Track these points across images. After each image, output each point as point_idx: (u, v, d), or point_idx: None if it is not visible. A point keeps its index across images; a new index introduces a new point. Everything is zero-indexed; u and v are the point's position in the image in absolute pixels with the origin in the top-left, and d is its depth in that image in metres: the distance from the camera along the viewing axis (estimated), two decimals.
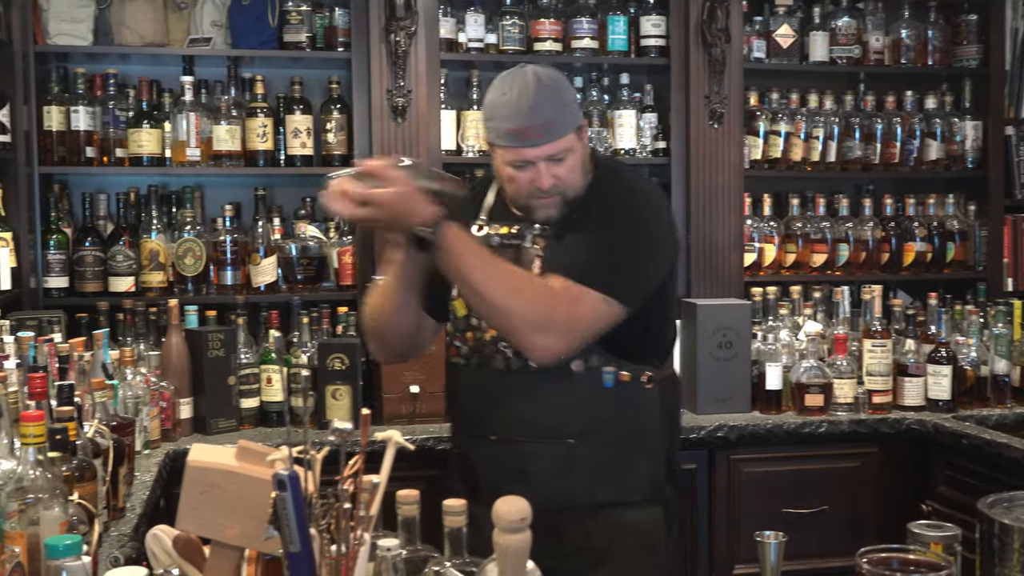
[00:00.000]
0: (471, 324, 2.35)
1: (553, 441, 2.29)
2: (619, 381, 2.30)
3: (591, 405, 2.29)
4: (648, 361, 2.35)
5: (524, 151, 2.24)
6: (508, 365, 2.31)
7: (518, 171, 2.27)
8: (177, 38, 3.78)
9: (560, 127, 2.25)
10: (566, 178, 2.28)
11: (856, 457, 3.55)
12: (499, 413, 2.32)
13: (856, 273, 4.13)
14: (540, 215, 2.31)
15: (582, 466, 2.29)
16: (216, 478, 1.42)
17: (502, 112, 2.26)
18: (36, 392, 2.08)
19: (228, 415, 3.34)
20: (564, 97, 2.29)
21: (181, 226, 3.67)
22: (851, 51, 4.17)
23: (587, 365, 2.28)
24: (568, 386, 2.27)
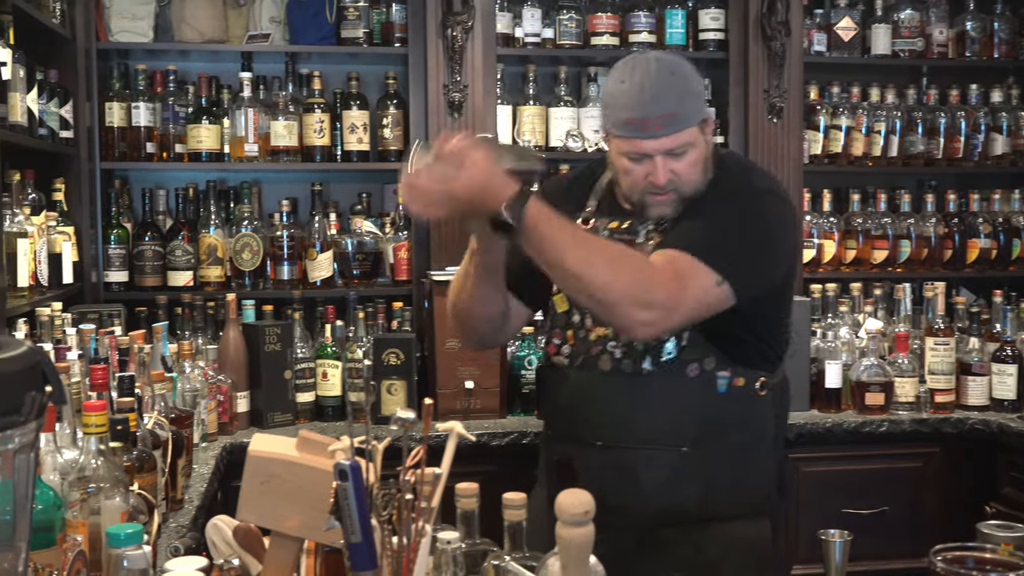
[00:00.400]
0: (572, 322, 2.23)
1: (665, 448, 2.14)
2: (733, 386, 2.15)
3: (705, 411, 2.14)
4: (762, 367, 2.20)
5: (641, 143, 2.08)
6: (617, 366, 2.16)
7: (634, 164, 2.12)
8: (236, 34, 3.81)
9: (682, 119, 2.08)
10: (684, 175, 2.12)
11: (917, 457, 3.49)
12: (606, 417, 2.17)
13: (918, 270, 4.06)
14: (653, 213, 2.15)
15: (695, 476, 2.14)
16: (277, 468, 1.42)
17: (621, 100, 2.09)
18: (98, 383, 2.09)
19: (284, 409, 3.35)
20: (689, 87, 2.12)
21: (239, 221, 3.70)
22: (914, 44, 4.09)
23: (702, 368, 2.14)
24: (681, 390, 2.12)
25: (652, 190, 2.12)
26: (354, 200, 3.91)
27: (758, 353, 2.19)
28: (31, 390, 1.14)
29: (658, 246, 2.11)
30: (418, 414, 1.33)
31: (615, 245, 2.04)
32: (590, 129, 3.85)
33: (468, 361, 3.43)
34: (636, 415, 2.14)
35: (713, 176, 2.18)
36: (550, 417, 2.34)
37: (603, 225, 2.23)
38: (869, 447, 3.45)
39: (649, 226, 2.18)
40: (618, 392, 2.15)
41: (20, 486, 1.19)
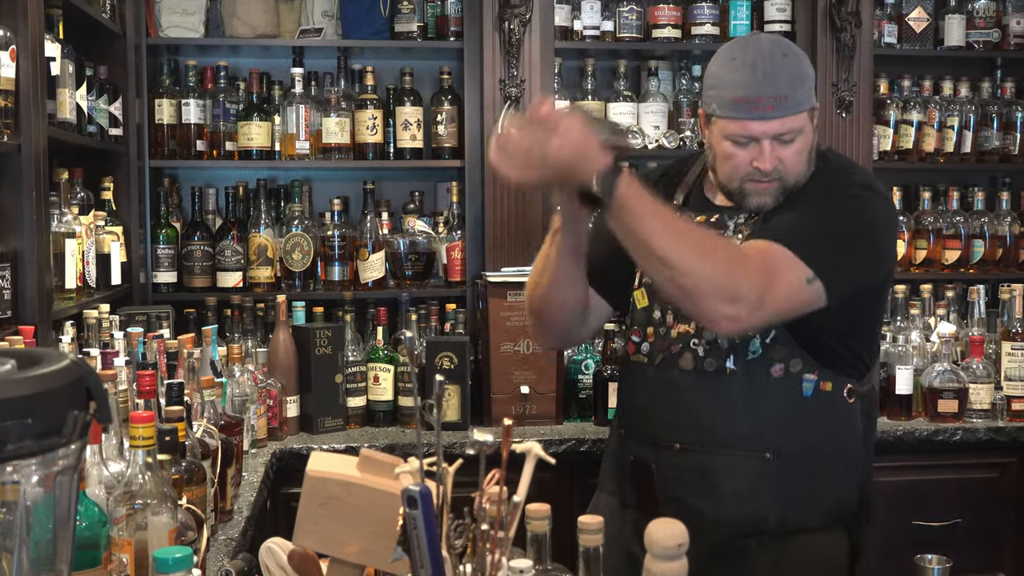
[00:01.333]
0: (653, 318, 2.13)
1: (748, 453, 2.05)
2: (819, 391, 2.05)
3: (789, 415, 2.04)
4: (850, 373, 2.09)
5: (751, 124, 1.98)
6: (699, 365, 2.06)
7: (738, 148, 2.02)
8: (288, 29, 3.74)
9: (794, 103, 1.99)
10: (790, 163, 2.02)
11: (993, 467, 3.37)
12: (686, 419, 2.08)
13: (992, 271, 3.92)
14: (753, 202, 2.05)
15: (776, 485, 2.04)
16: (336, 490, 1.32)
17: (730, 78, 2.00)
18: (145, 390, 2.01)
19: (335, 414, 3.28)
20: (802, 70, 2.03)
21: (289, 220, 3.62)
22: (989, 35, 3.94)
23: (787, 370, 2.03)
24: (765, 392, 2.03)
25: (756, 177, 2.03)
26: (407, 199, 3.82)
27: (845, 359, 2.09)
28: (74, 408, 1.06)
29: (749, 238, 2.02)
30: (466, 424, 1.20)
31: (708, 232, 1.97)
32: (650, 125, 3.74)
33: (524, 365, 3.34)
34: (718, 417, 2.06)
35: (815, 169, 2.09)
36: (626, 417, 2.24)
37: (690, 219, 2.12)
38: (941, 456, 3.35)
39: (739, 219, 2.09)
40: (700, 392, 2.07)
41: (62, 507, 1.11)
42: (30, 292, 2.46)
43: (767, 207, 2.05)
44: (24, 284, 2.46)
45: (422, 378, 3.32)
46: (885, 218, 2.09)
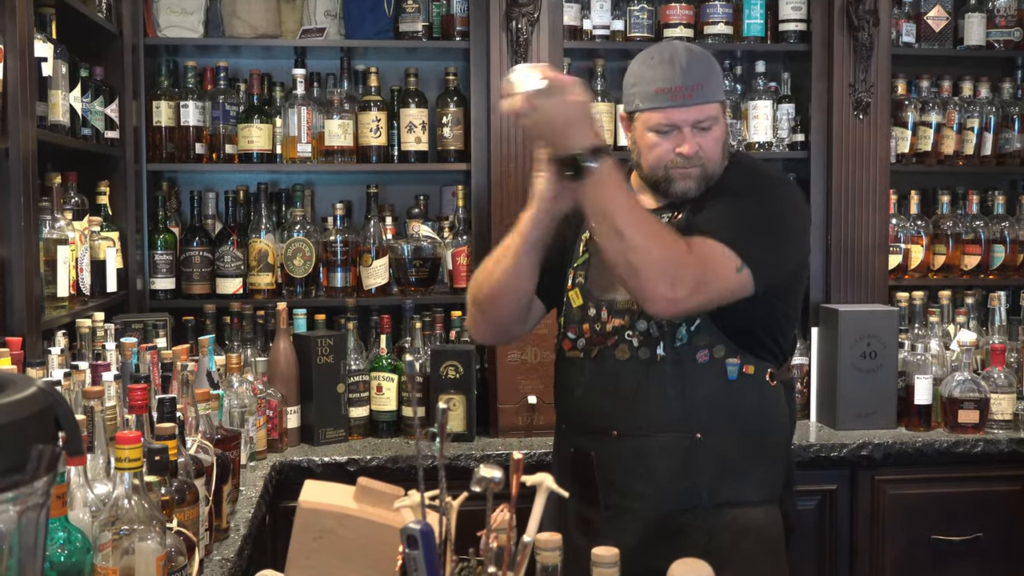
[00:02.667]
0: (588, 315, 2.25)
1: (680, 435, 2.18)
2: (743, 374, 2.20)
3: (716, 398, 2.19)
4: (769, 360, 2.24)
5: (672, 112, 2.16)
6: (634, 354, 2.20)
7: (661, 137, 2.19)
8: (290, 29, 3.66)
9: (709, 92, 2.19)
10: (709, 150, 2.20)
11: (1015, 480, 3.31)
12: (622, 406, 2.21)
13: (1012, 277, 3.84)
14: (679, 187, 2.21)
15: (707, 462, 2.18)
16: (331, 522, 1.23)
17: (650, 74, 2.19)
18: (137, 405, 1.92)
19: (337, 425, 3.21)
20: (712, 67, 2.23)
21: (291, 225, 3.53)
22: (1010, 34, 3.85)
23: (711, 355, 2.18)
24: (693, 377, 2.18)
25: (679, 164, 2.19)
26: (411, 203, 3.73)
27: (765, 347, 2.23)
28: (40, 441, 0.97)
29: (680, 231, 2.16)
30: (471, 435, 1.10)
31: (660, 223, 2.11)
32: None
33: (531, 374, 3.27)
34: (650, 402, 2.19)
35: (727, 168, 2.25)
36: (565, 411, 2.36)
37: None
38: (962, 468, 3.28)
39: (663, 219, 2.21)
40: (634, 379, 2.20)
41: (27, 549, 1.02)
42: (18, 301, 2.37)
43: (691, 192, 2.20)
44: (12, 293, 2.38)
45: (426, 388, 3.24)
46: (801, 208, 2.30)
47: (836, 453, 3.21)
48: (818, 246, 3.60)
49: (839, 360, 3.35)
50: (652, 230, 2.02)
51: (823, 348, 3.46)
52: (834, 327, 3.37)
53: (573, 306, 2.28)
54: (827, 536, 3.25)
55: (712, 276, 2.05)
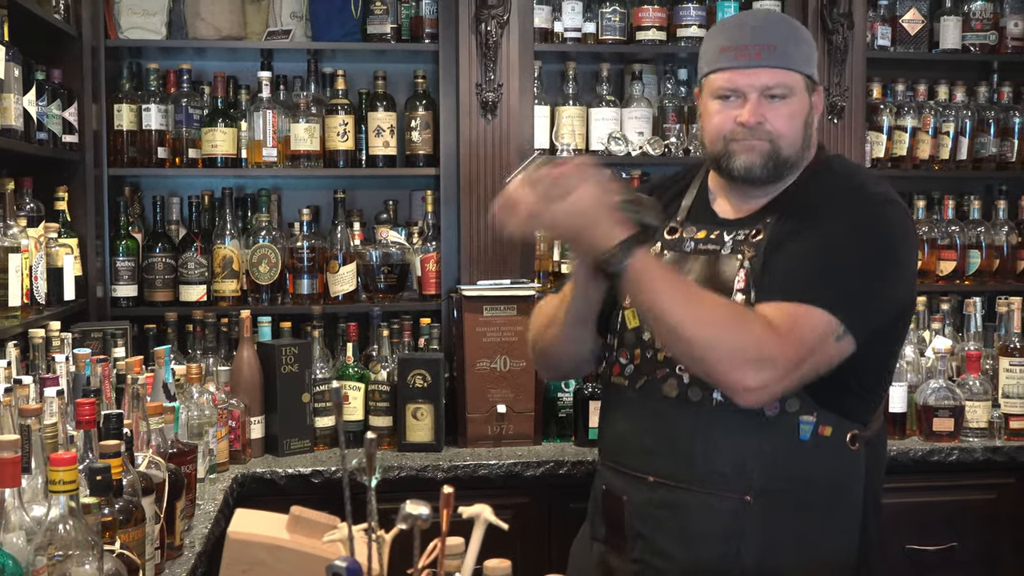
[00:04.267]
0: (642, 339, 1.98)
1: (725, 495, 1.89)
2: (817, 434, 1.88)
3: (779, 458, 1.88)
4: (855, 414, 1.93)
5: (736, 74, 1.89)
6: (683, 394, 1.92)
7: (723, 104, 1.93)
8: (255, 31, 3.59)
9: (785, 56, 1.90)
10: (780, 125, 1.91)
11: (990, 488, 3.29)
12: (663, 450, 1.93)
13: (988, 282, 3.81)
14: (740, 161, 1.92)
15: (757, 530, 1.88)
16: (262, 554, 1.17)
17: (718, 37, 1.97)
18: (84, 420, 1.86)
19: (302, 435, 3.14)
20: (799, 34, 1.97)
21: (256, 231, 3.47)
22: (986, 37, 3.83)
23: (782, 409, 1.87)
24: (755, 430, 1.87)
25: (740, 135, 1.92)
26: (379, 208, 3.66)
27: (853, 398, 1.93)
28: None
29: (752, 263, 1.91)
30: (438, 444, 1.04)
31: (725, 301, 1.85)
32: (634, 131, 3.61)
33: (500, 383, 3.22)
34: (697, 451, 1.90)
35: (817, 173, 1.98)
36: (603, 442, 2.12)
37: (690, 235, 2.03)
38: (937, 477, 3.26)
39: (739, 235, 1.96)
40: (680, 422, 1.92)
41: None
42: None
43: (755, 169, 1.93)
44: None
45: (394, 397, 3.19)
46: (908, 236, 1.97)
47: None
48: None
49: None
50: (718, 317, 1.77)
51: None
52: None
53: (628, 327, 2.02)
54: None
55: (808, 354, 1.77)
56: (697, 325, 1.75)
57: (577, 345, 2.06)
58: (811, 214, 1.90)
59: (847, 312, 1.79)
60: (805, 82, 1.94)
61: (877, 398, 1.99)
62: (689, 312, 1.76)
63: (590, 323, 2.02)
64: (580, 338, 2.04)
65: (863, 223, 1.88)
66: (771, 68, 1.89)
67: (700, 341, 1.75)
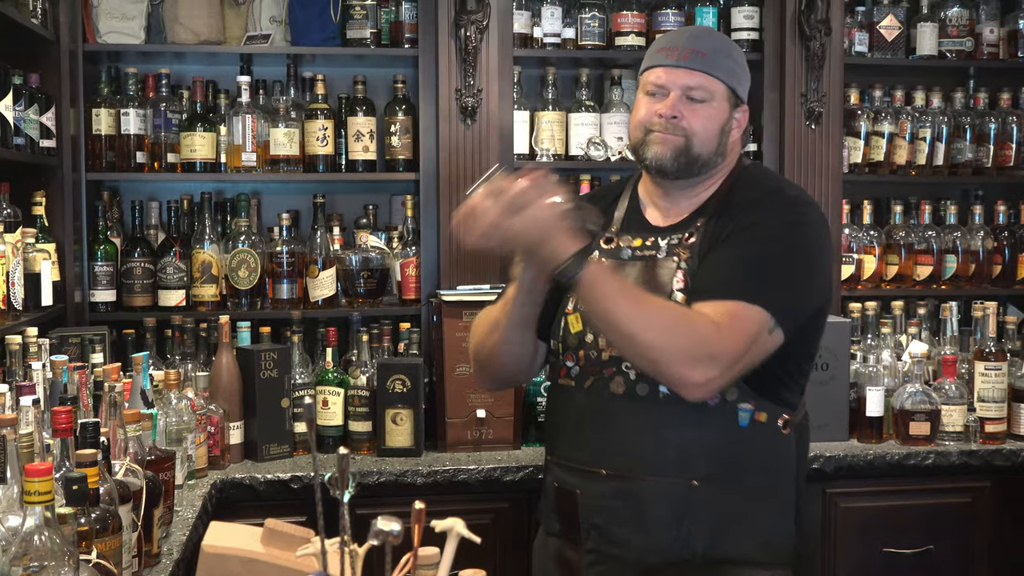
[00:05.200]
0: (585, 341, 2.10)
1: (674, 480, 2.02)
2: (755, 421, 2.03)
3: (722, 444, 2.02)
4: (786, 401, 2.08)
5: (664, 71, 2.06)
6: (631, 390, 2.04)
7: (649, 99, 2.09)
8: (234, 35, 3.58)
9: (711, 63, 2.06)
10: (695, 124, 2.06)
11: (966, 492, 3.31)
12: (614, 444, 2.05)
13: (964, 287, 3.84)
14: (653, 151, 2.07)
15: (705, 513, 2.02)
16: (236, 567, 1.17)
17: (660, 40, 2.15)
18: (61, 429, 1.86)
19: (281, 440, 3.14)
20: (732, 52, 2.13)
21: (235, 236, 3.47)
22: (962, 44, 3.85)
23: (723, 399, 2.01)
24: (698, 420, 2.00)
25: (658, 127, 2.07)
26: (359, 213, 3.67)
27: (784, 384, 2.08)
28: None
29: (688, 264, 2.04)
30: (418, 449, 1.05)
31: (670, 304, 1.98)
32: (613, 136, 3.62)
33: (480, 389, 3.20)
34: (645, 442, 2.03)
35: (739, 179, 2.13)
36: (552, 442, 2.22)
37: (626, 243, 2.16)
38: (913, 481, 3.28)
39: (672, 240, 2.10)
40: (629, 417, 2.04)
41: None
42: None
43: (665, 160, 2.06)
44: None
45: (373, 402, 3.19)
46: (826, 236, 2.12)
47: None
48: None
49: None
50: (664, 319, 1.89)
51: None
52: None
53: (572, 331, 2.12)
54: None
55: (747, 347, 1.91)
56: (646, 328, 1.86)
57: (519, 348, 2.14)
58: (738, 218, 2.04)
59: (778, 307, 1.93)
60: (728, 93, 2.09)
61: (801, 386, 2.13)
62: (639, 316, 1.87)
63: (532, 324, 2.11)
64: (523, 340, 2.13)
65: (785, 225, 2.03)
66: (695, 71, 2.04)
67: (649, 343, 1.86)
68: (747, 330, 1.91)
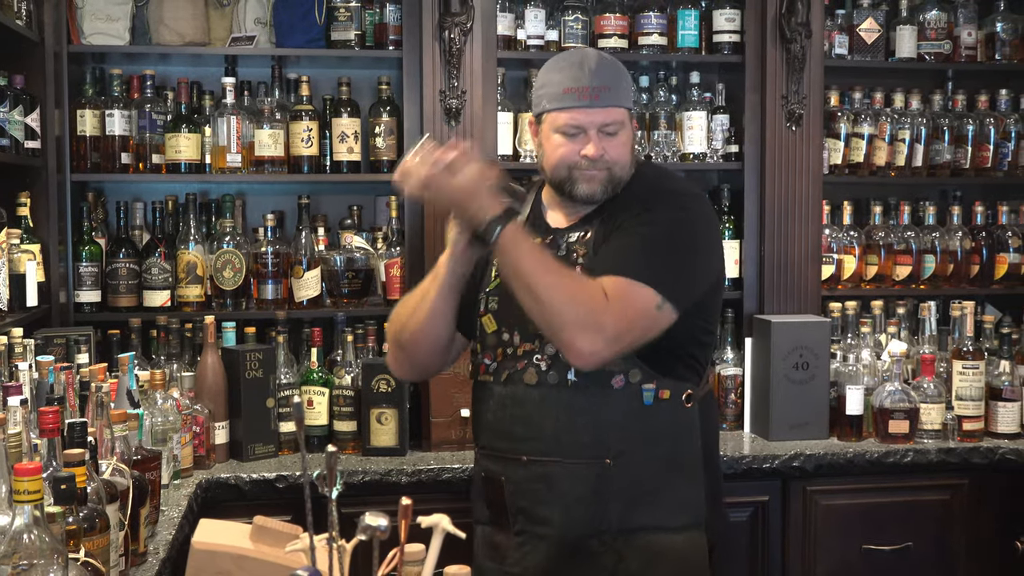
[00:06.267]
0: (502, 340, 2.25)
1: (589, 461, 2.17)
2: (659, 399, 2.19)
3: (629, 423, 2.17)
4: (687, 378, 2.23)
5: (579, 113, 2.18)
6: (542, 379, 2.19)
7: (567, 139, 2.20)
8: (219, 37, 3.59)
9: (616, 96, 2.21)
10: (615, 154, 2.21)
11: (944, 489, 3.35)
12: (531, 431, 2.20)
13: (943, 287, 3.87)
14: (582, 189, 2.22)
15: (618, 488, 2.17)
16: (227, 564, 1.20)
17: (558, 77, 2.22)
18: (48, 429, 1.87)
19: (266, 440, 3.16)
20: (622, 74, 2.26)
21: (220, 237, 3.47)
22: (941, 46, 3.87)
23: (627, 381, 2.17)
24: (606, 402, 2.16)
25: (585, 164, 2.19)
26: (344, 214, 3.68)
27: (683, 365, 2.22)
28: None
29: (585, 259, 2.18)
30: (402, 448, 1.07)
31: (576, 274, 2.12)
32: None
33: (464, 387, 3.19)
34: (559, 427, 2.17)
35: (633, 178, 2.25)
36: (477, 435, 2.35)
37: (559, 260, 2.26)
38: (892, 478, 3.31)
39: (571, 238, 2.24)
40: (542, 404, 2.18)
41: None
42: None
43: (596, 195, 2.21)
44: None
45: (358, 402, 3.21)
46: (709, 222, 2.28)
47: (768, 464, 3.22)
48: (751, 257, 3.61)
49: (772, 371, 3.35)
50: (566, 286, 2.04)
51: (756, 359, 3.47)
52: (767, 338, 3.37)
53: (487, 332, 2.27)
54: (759, 548, 3.26)
55: (634, 321, 2.06)
56: (549, 288, 2.02)
57: (438, 327, 2.27)
58: (630, 210, 2.19)
59: (665, 286, 2.08)
60: (628, 113, 2.25)
61: (702, 365, 2.27)
62: (547, 279, 2.03)
63: (454, 298, 2.25)
64: (446, 312, 2.25)
65: (672, 212, 2.20)
66: (606, 108, 2.19)
67: (551, 305, 2.02)
68: (634, 306, 2.05)
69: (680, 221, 2.19)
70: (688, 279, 2.16)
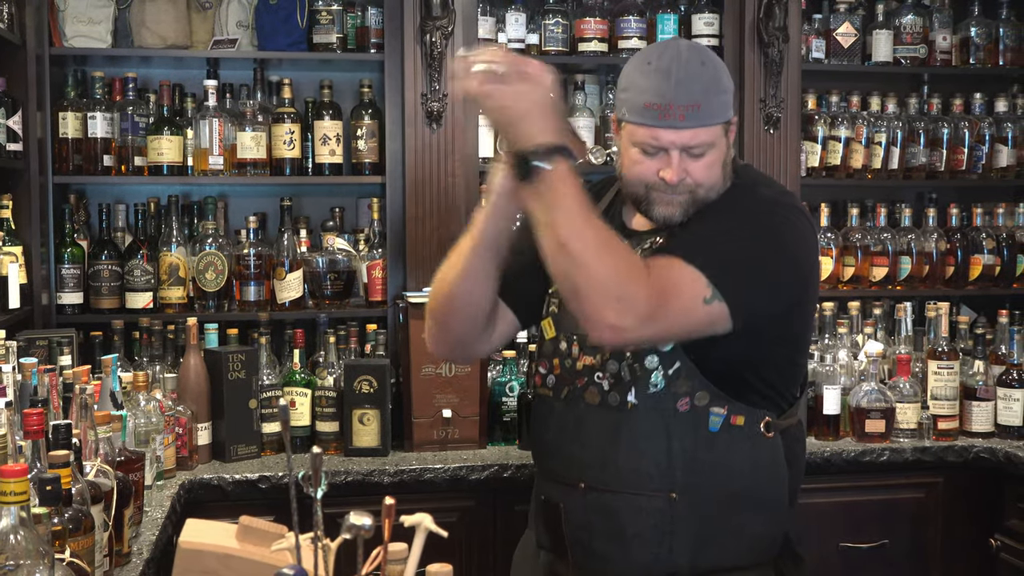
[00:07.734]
0: (560, 350, 2.04)
1: (653, 494, 1.95)
2: (729, 425, 1.94)
3: (696, 452, 1.93)
4: (764, 406, 1.98)
5: (660, 132, 1.90)
6: (604, 399, 1.97)
7: (646, 156, 1.93)
8: (201, 40, 3.60)
9: (707, 114, 1.90)
10: (700, 177, 1.93)
11: (920, 488, 3.37)
12: (591, 456, 1.98)
13: (919, 288, 3.90)
14: (659, 212, 1.96)
15: (686, 525, 1.95)
16: (213, 563, 1.22)
17: (643, 83, 1.92)
18: (32, 431, 1.88)
19: (249, 441, 3.17)
20: (720, 81, 1.95)
21: (202, 239, 3.49)
22: (916, 51, 3.92)
23: (692, 404, 1.93)
24: (670, 427, 1.93)
25: (662, 188, 1.94)
26: (326, 216, 3.70)
27: (759, 392, 1.98)
28: None
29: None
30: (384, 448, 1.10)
31: (616, 238, 1.82)
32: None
33: (446, 388, 3.26)
34: (620, 455, 1.95)
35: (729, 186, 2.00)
36: (536, 453, 2.16)
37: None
38: (869, 477, 3.33)
39: (645, 244, 2.01)
40: (603, 428, 1.97)
41: None
42: None
43: (675, 219, 1.96)
44: None
45: (340, 403, 3.23)
46: (804, 235, 1.99)
47: None
48: None
49: None
50: (601, 244, 1.75)
51: None
52: None
53: (545, 338, 2.07)
54: None
55: (670, 304, 1.79)
56: (585, 244, 1.73)
57: (473, 290, 2.00)
58: (712, 211, 1.95)
59: (722, 281, 1.81)
60: (723, 127, 1.96)
61: (785, 400, 2.03)
62: (584, 230, 1.74)
63: (493, 258, 1.97)
64: (480, 274, 1.98)
65: (757, 216, 1.94)
66: (693, 129, 1.90)
67: (582, 261, 1.74)
68: (677, 287, 1.80)
69: (764, 227, 1.92)
70: (755, 288, 1.87)
